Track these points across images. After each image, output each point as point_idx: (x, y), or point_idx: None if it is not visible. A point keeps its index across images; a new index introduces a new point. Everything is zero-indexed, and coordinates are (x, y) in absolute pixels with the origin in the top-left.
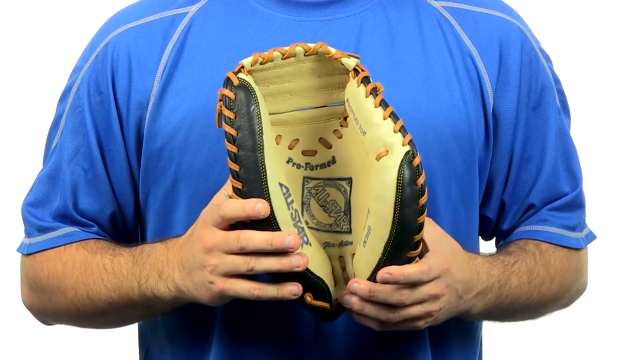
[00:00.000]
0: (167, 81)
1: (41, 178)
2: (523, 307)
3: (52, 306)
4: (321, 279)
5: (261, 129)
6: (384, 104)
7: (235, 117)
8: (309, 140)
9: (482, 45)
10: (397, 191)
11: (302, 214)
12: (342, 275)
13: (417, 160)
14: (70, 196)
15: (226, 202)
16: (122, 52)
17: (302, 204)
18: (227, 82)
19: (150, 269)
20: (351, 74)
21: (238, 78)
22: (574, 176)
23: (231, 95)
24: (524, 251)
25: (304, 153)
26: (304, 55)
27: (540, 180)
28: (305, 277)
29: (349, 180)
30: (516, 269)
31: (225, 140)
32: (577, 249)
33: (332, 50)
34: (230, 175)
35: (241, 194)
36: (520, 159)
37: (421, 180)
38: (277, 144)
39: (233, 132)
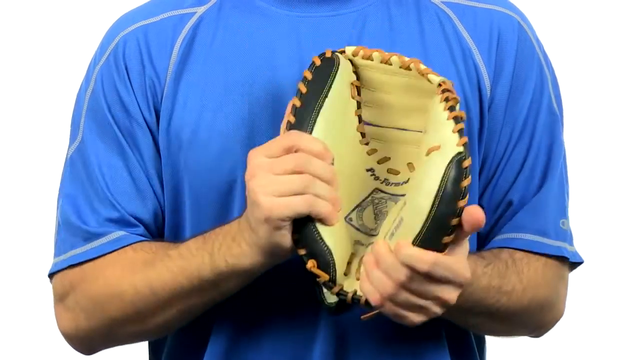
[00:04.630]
0: (177, 78)
1: (72, 188)
2: (489, 311)
3: (104, 317)
4: (329, 250)
5: (326, 95)
6: (451, 108)
7: (312, 78)
8: (398, 162)
9: (480, 41)
10: (440, 185)
11: (353, 211)
12: (355, 271)
13: (467, 163)
14: (111, 199)
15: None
16: (133, 49)
17: (358, 205)
18: (321, 54)
19: (224, 238)
20: (436, 89)
21: (332, 52)
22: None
23: (317, 61)
24: (497, 258)
25: (388, 171)
26: (399, 68)
27: (520, 178)
28: (314, 240)
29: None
30: (488, 270)
31: (295, 96)
32: (555, 259)
33: (422, 67)
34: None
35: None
36: (506, 157)
37: (465, 183)
38: (369, 154)
39: (304, 89)
